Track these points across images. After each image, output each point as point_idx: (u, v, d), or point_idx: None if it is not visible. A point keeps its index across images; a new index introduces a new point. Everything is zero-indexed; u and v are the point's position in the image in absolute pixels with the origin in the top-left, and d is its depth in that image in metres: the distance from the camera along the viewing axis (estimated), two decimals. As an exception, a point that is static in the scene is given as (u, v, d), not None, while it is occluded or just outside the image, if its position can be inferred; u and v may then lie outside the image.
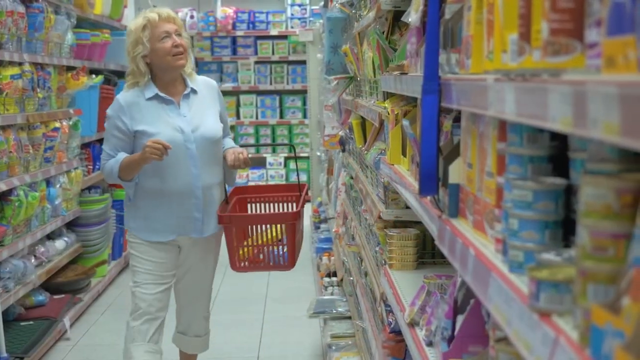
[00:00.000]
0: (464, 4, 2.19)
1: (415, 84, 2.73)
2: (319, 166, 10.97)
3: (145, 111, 4.38)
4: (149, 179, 4.41)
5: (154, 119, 4.37)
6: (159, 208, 4.44)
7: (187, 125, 4.40)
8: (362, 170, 4.89)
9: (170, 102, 4.42)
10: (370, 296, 4.53)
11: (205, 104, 4.55)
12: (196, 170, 4.41)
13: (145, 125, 4.35)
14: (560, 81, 1.31)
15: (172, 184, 4.40)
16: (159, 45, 4.35)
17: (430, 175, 2.35)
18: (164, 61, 4.36)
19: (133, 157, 4.28)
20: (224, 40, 13.65)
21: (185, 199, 4.43)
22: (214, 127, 4.49)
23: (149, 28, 4.36)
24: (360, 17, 5.09)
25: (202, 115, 4.48)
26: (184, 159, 4.38)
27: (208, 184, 4.47)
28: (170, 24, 4.40)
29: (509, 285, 1.62)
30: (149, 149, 4.14)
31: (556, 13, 1.37)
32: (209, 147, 4.45)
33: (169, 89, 4.46)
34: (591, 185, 1.31)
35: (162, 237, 4.48)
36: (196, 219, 4.48)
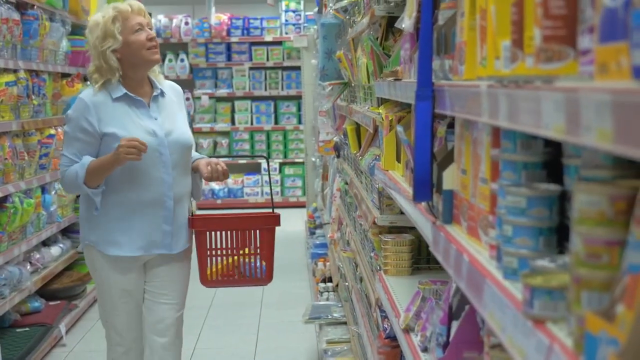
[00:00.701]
0: (457, 10, 2.19)
1: (409, 90, 2.73)
2: (313, 172, 10.97)
3: (114, 112, 3.97)
4: (115, 185, 3.99)
5: (124, 120, 3.97)
6: (124, 219, 4.01)
7: (159, 128, 4.03)
8: (357, 176, 4.89)
9: (140, 104, 4.04)
10: (366, 302, 4.53)
11: (173, 108, 4.18)
12: (168, 178, 4.02)
13: (115, 127, 3.94)
14: (553, 88, 1.31)
15: (141, 192, 4.00)
16: (132, 38, 3.98)
17: (424, 181, 2.35)
18: (138, 55, 4.00)
19: (104, 160, 3.88)
20: (219, 46, 13.67)
21: (155, 209, 4.02)
22: (187, 133, 4.15)
23: (120, 20, 3.99)
24: (354, 23, 5.09)
25: (173, 120, 4.12)
26: (155, 165, 3.99)
27: (179, 194, 4.09)
28: (142, 16, 4.07)
29: (503, 292, 1.62)
30: (123, 149, 3.77)
31: (549, 20, 1.37)
32: (182, 154, 4.08)
33: (136, 90, 4.08)
34: (585, 192, 1.31)
35: (126, 250, 4.02)
36: (165, 233, 4.07)
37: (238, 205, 13.10)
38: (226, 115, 13.74)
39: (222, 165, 4.16)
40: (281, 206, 13.33)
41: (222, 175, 4.14)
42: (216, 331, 6.68)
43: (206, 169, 4.13)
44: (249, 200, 13.43)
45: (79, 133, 3.95)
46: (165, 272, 4.18)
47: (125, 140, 3.80)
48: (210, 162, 4.17)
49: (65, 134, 4.05)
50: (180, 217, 4.12)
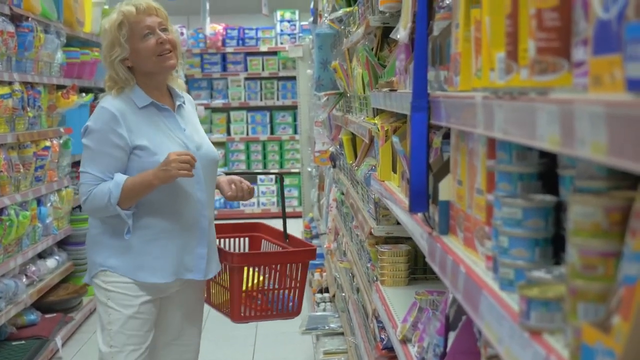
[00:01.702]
0: (452, 21, 2.20)
1: (404, 101, 2.74)
2: (310, 182, 10.97)
3: (143, 122, 3.58)
4: (149, 205, 3.59)
5: (155, 132, 3.59)
6: (158, 241, 3.61)
7: (189, 141, 3.67)
8: (353, 186, 4.89)
9: (168, 112, 3.67)
10: (363, 312, 4.52)
11: (194, 120, 3.86)
12: (203, 197, 3.68)
13: (146, 139, 3.55)
14: (548, 100, 1.32)
15: (178, 212, 3.62)
16: (140, 45, 3.57)
17: (420, 192, 2.36)
18: (149, 64, 3.59)
19: (145, 177, 3.48)
20: (214, 56, 13.68)
21: (191, 231, 3.66)
22: (214, 147, 3.84)
23: (127, 25, 3.57)
24: (349, 33, 5.10)
25: (198, 132, 3.79)
26: (190, 182, 3.61)
27: (211, 214, 3.77)
28: (153, 16, 3.63)
29: (499, 303, 1.62)
30: (176, 164, 3.39)
31: (543, 32, 1.37)
32: (212, 170, 3.77)
33: (157, 98, 3.69)
34: (580, 203, 1.31)
35: (159, 276, 3.62)
36: (200, 257, 3.71)
37: (234, 215, 13.08)
38: (222, 125, 13.75)
39: (246, 183, 3.88)
40: (277, 216, 13.33)
41: (247, 194, 3.88)
42: (213, 343, 6.66)
43: (229, 187, 3.86)
44: (245, 210, 13.43)
45: (107, 147, 3.52)
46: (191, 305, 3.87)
47: (176, 154, 3.43)
48: (233, 180, 3.88)
49: (86, 148, 3.57)
50: (214, 239, 3.82)
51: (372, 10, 3.96)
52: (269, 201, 13.54)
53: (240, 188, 3.85)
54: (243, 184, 3.87)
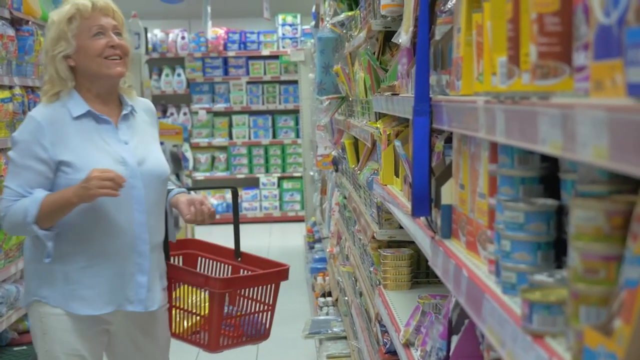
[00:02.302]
0: (454, 26, 2.21)
1: (406, 105, 2.74)
2: (312, 186, 10.98)
3: (73, 134, 3.22)
4: (77, 227, 3.22)
5: (85, 145, 3.23)
6: (89, 268, 3.25)
7: (130, 155, 3.29)
8: (356, 190, 4.90)
9: (106, 123, 3.30)
10: (365, 316, 4.53)
11: (146, 130, 3.44)
12: (142, 218, 3.28)
13: (72, 153, 3.20)
14: (549, 104, 1.32)
15: (110, 236, 3.25)
16: (88, 43, 3.23)
17: (422, 196, 2.36)
18: (93, 65, 3.24)
19: (65, 194, 3.12)
20: (216, 60, 13.70)
21: (127, 256, 3.27)
22: (162, 162, 3.42)
23: (78, 20, 3.24)
24: (351, 37, 5.11)
25: (147, 145, 3.39)
26: (126, 201, 3.23)
27: (156, 237, 3.37)
28: (108, 17, 3.29)
29: (502, 306, 1.62)
30: (96, 181, 3.04)
31: (544, 36, 1.38)
32: (157, 188, 3.36)
33: (99, 107, 3.32)
34: (581, 207, 1.32)
35: (94, 307, 3.26)
36: (140, 285, 3.31)
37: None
38: (224, 129, 13.76)
39: (207, 205, 3.42)
40: (280, 220, 13.36)
41: (208, 217, 3.41)
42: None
43: (188, 209, 3.41)
44: (248, 214, 13.44)
45: (30, 160, 3.18)
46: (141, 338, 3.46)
47: (98, 170, 3.07)
48: (193, 201, 3.43)
49: (10, 161, 3.27)
50: (159, 266, 3.41)
51: (373, 14, 3.97)
52: (271, 205, 13.55)
53: (200, 211, 3.39)
54: (204, 206, 3.40)
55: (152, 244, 3.34)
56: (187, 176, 10.82)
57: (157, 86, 13.43)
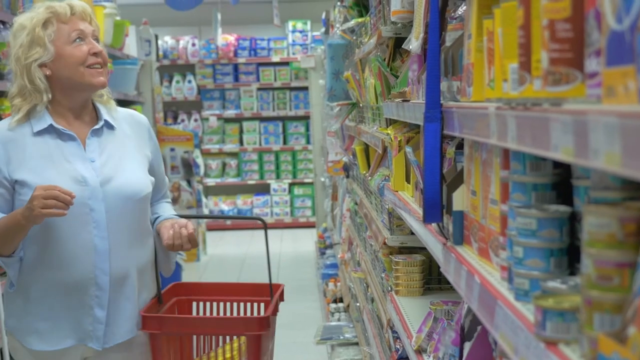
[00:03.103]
0: (464, 32, 2.20)
1: (417, 111, 2.74)
2: (323, 192, 10.99)
3: (31, 152, 2.93)
4: (30, 254, 2.95)
5: (43, 163, 2.93)
6: (44, 300, 2.96)
7: (93, 174, 2.95)
8: (367, 196, 4.90)
9: (71, 139, 2.98)
10: (377, 322, 4.52)
11: (126, 146, 3.08)
12: (103, 245, 2.93)
13: (28, 172, 2.91)
14: (561, 111, 1.32)
15: (64, 265, 2.93)
16: (68, 50, 2.94)
17: (434, 202, 2.36)
18: (74, 75, 2.95)
19: (11, 217, 2.83)
20: (226, 67, 13.72)
21: (83, 288, 2.94)
22: (136, 179, 3.03)
23: (54, 24, 2.95)
24: (361, 43, 5.11)
25: (119, 161, 3.03)
26: (84, 225, 2.91)
27: (122, 268, 2.99)
28: (86, 22, 3.01)
29: (515, 313, 1.62)
30: (38, 201, 2.73)
31: (555, 43, 1.38)
32: (126, 209, 2.98)
33: (70, 121, 3.02)
34: (594, 214, 1.31)
35: (48, 343, 2.97)
36: (97, 320, 2.96)
37: (248, 226, 13.11)
38: (234, 136, 13.78)
39: (188, 228, 3.04)
40: (291, 226, 13.36)
41: (186, 242, 3.04)
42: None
43: (167, 233, 3.05)
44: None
45: None
46: None
47: (42, 188, 2.75)
48: (174, 223, 3.07)
49: None
50: (124, 300, 3.02)
51: (384, 20, 3.97)
52: (282, 211, 13.55)
53: (178, 234, 3.03)
54: (183, 228, 3.04)
55: (117, 274, 2.98)
56: (198, 182, 10.83)
57: (167, 93, 13.45)
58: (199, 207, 10.54)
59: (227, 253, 11.07)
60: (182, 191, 9.85)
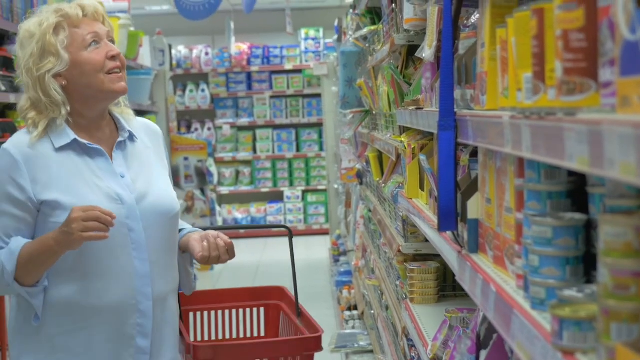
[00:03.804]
0: (478, 40, 2.21)
1: (431, 119, 2.74)
2: (336, 199, 10.99)
3: (57, 170, 2.67)
4: (61, 281, 2.66)
5: (73, 181, 2.67)
6: (77, 331, 2.67)
7: (127, 191, 2.73)
8: (380, 204, 4.90)
9: (98, 154, 2.75)
10: (392, 330, 4.52)
11: (149, 158, 2.88)
12: (144, 267, 2.71)
13: (58, 191, 2.64)
14: (576, 120, 1.32)
15: (101, 291, 2.66)
16: (85, 56, 2.69)
17: (448, 211, 2.36)
18: (94, 82, 2.70)
19: (45, 242, 2.58)
20: (239, 75, 13.76)
21: (124, 316, 2.69)
22: (168, 195, 2.84)
23: (66, 29, 2.70)
24: (374, 51, 5.12)
25: (148, 176, 2.82)
26: (123, 247, 2.68)
27: (162, 291, 2.77)
28: (99, 23, 2.76)
29: (531, 322, 1.62)
30: (78, 224, 2.49)
31: (569, 53, 1.38)
32: (164, 228, 2.78)
33: (92, 134, 2.77)
34: (610, 224, 1.31)
35: None
36: (141, 351, 2.73)
37: (261, 234, 13.12)
38: (248, 144, 13.81)
39: (224, 239, 2.82)
40: (304, 234, 13.37)
41: (225, 253, 2.81)
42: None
43: (201, 245, 2.80)
44: (273, 228, 13.45)
45: (4, 203, 2.66)
46: None
47: (80, 210, 2.51)
48: (207, 235, 2.83)
49: None
50: (165, 326, 2.81)
51: (396, 28, 3.98)
52: (295, 218, 13.56)
53: (215, 245, 2.79)
54: (219, 239, 2.81)
55: (158, 299, 2.76)
56: (211, 191, 10.85)
57: (181, 102, 13.49)
58: (213, 216, 10.56)
59: (240, 261, 11.07)
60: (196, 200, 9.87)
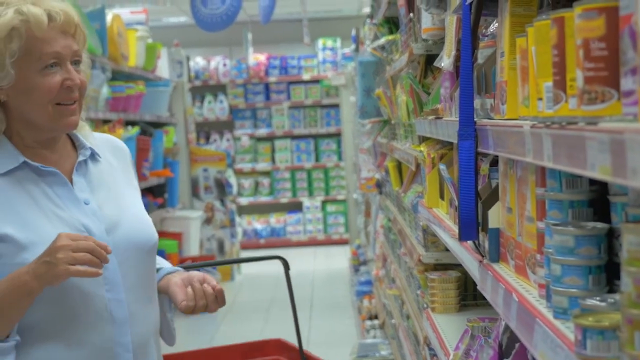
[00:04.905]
0: (497, 50, 2.21)
1: (450, 129, 2.74)
2: (356, 208, 10.99)
3: (5, 199, 2.19)
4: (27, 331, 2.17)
5: (27, 212, 2.19)
6: None
7: (95, 220, 2.26)
8: (400, 213, 4.89)
9: (55, 178, 2.27)
10: (414, 339, 4.51)
11: (116, 179, 2.41)
12: (120, 312, 2.25)
13: (10, 225, 2.16)
14: (598, 129, 1.32)
15: (71, 343, 2.19)
16: (36, 81, 2.18)
17: (469, 221, 2.35)
18: (39, 113, 2.21)
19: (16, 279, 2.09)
20: (257, 86, 13.81)
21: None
22: (143, 222, 2.37)
23: (23, 36, 2.16)
24: (392, 60, 5.12)
25: (118, 201, 2.35)
26: (95, 288, 2.20)
27: (143, 336, 2.31)
28: (68, 38, 2.23)
29: (554, 332, 1.62)
30: (64, 254, 2.03)
31: (590, 62, 1.38)
32: (141, 262, 2.32)
33: (41, 153, 2.29)
34: (633, 232, 1.31)
35: None
36: None
37: (281, 244, 13.14)
38: (267, 154, 13.84)
39: (211, 283, 2.35)
40: (324, 244, 13.37)
41: (214, 301, 2.34)
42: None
43: (184, 292, 2.33)
44: (292, 239, 13.49)
45: None
46: None
47: (69, 237, 2.07)
48: (191, 279, 2.36)
49: None
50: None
51: (414, 38, 3.98)
52: (315, 228, 13.57)
53: (201, 293, 2.33)
54: (206, 285, 2.35)
55: (139, 347, 2.30)
56: (231, 202, 10.88)
57: (199, 113, 13.54)
58: (233, 227, 10.59)
59: (261, 272, 11.08)
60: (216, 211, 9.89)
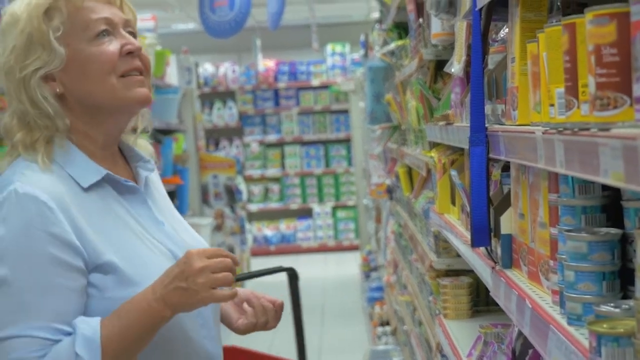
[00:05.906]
0: (507, 55, 2.20)
1: (461, 134, 2.74)
2: (366, 214, 10.98)
3: (98, 219, 1.94)
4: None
5: (122, 235, 1.96)
6: None
7: (174, 245, 2.06)
8: (411, 219, 4.89)
9: (134, 195, 2.05)
10: (426, 346, 4.50)
11: (164, 195, 2.24)
12: (215, 349, 2.09)
13: (116, 253, 1.92)
14: (610, 135, 1.31)
15: None
16: (89, 51, 1.94)
17: (481, 226, 2.35)
18: (100, 89, 1.95)
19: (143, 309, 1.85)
20: (266, 92, 13.82)
21: None
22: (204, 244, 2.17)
23: (64, 11, 1.93)
24: (401, 66, 5.12)
25: (181, 221, 2.21)
26: (192, 324, 2.02)
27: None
28: (114, 7, 2.01)
29: (568, 338, 1.61)
30: (205, 278, 1.82)
31: (602, 68, 1.37)
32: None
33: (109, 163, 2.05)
34: (647, 239, 1.31)
35: None
36: None
37: (291, 250, 13.14)
38: (276, 160, 13.84)
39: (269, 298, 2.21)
40: (334, 250, 13.36)
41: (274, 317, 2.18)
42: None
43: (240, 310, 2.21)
44: (302, 245, 13.50)
45: (52, 266, 1.83)
46: None
47: (203, 255, 1.85)
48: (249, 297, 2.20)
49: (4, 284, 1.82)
50: None
51: (424, 43, 3.98)
52: (325, 235, 13.57)
53: (260, 309, 2.16)
54: (263, 300, 2.19)
55: None
56: (241, 208, 10.88)
57: (208, 120, 13.55)
58: (242, 233, 10.58)
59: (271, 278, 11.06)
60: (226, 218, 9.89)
